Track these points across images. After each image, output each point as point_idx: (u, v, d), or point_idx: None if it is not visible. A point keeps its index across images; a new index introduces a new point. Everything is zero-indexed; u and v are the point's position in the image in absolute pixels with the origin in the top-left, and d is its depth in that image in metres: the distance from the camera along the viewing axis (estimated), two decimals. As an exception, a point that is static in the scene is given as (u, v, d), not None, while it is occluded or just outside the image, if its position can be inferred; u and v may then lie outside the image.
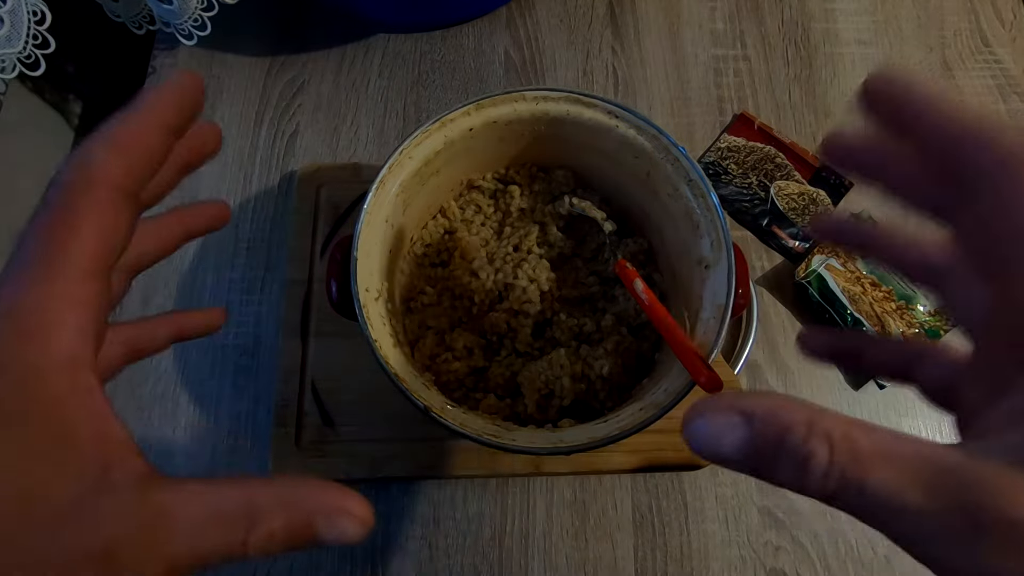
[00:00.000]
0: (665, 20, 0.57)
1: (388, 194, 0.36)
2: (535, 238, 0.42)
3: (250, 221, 0.50)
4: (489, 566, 0.42)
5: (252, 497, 0.16)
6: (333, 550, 0.42)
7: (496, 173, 0.44)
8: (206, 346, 0.47)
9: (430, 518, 0.43)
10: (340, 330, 0.43)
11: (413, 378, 0.33)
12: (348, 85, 0.55)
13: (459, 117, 0.37)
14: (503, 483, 0.44)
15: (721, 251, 0.34)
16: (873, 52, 0.56)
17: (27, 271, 0.16)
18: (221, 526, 0.16)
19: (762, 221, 0.50)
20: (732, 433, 0.14)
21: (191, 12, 0.50)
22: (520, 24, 0.57)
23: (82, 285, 0.16)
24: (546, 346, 0.41)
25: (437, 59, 0.56)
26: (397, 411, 0.32)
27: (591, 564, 0.42)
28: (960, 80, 0.55)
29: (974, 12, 0.57)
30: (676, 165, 0.36)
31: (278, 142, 0.53)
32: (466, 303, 0.41)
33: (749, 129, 0.53)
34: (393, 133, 0.53)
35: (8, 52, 0.42)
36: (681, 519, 0.43)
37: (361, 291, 0.33)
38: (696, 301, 0.35)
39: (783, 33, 0.56)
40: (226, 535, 0.16)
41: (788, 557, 0.42)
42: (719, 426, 0.14)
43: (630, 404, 0.34)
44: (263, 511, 0.16)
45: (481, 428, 0.32)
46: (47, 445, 0.15)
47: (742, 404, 0.14)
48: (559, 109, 0.38)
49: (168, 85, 0.18)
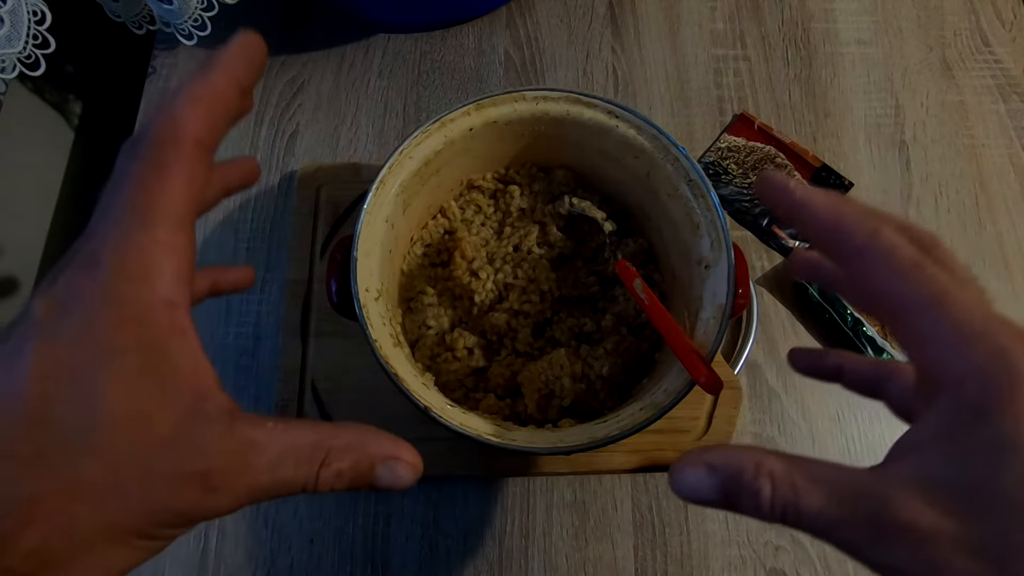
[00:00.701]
0: (665, 20, 0.57)
1: (388, 194, 0.36)
2: (535, 238, 0.42)
3: (250, 221, 0.50)
4: (489, 566, 0.42)
5: (324, 438, 0.18)
6: (333, 550, 0.42)
7: (496, 173, 0.44)
8: (206, 345, 0.47)
9: (430, 518, 0.43)
10: (340, 330, 0.43)
11: (413, 378, 0.33)
12: (348, 85, 0.55)
13: (459, 117, 0.37)
14: (503, 483, 0.44)
15: (721, 251, 0.34)
16: (873, 52, 0.56)
17: (126, 218, 0.17)
18: (297, 461, 0.18)
19: (762, 221, 0.50)
20: (704, 482, 0.18)
21: (191, 12, 0.50)
22: (520, 24, 0.57)
23: (176, 234, 0.17)
24: (546, 346, 0.41)
25: (437, 59, 0.56)
26: (397, 411, 0.32)
27: (591, 564, 0.42)
28: (960, 80, 0.55)
29: (974, 12, 0.57)
30: (676, 165, 0.36)
31: (278, 142, 0.53)
32: (466, 303, 0.41)
33: (749, 129, 0.53)
34: (393, 133, 0.53)
35: (8, 52, 0.42)
36: (681, 519, 0.43)
37: (361, 291, 0.33)
38: (696, 301, 0.35)
39: (783, 33, 0.56)
40: (302, 469, 0.18)
41: (788, 557, 0.42)
42: (694, 477, 0.19)
43: (630, 404, 0.34)
44: (333, 451, 0.18)
45: (481, 428, 0.32)
46: (153, 376, 0.17)
47: (708, 458, 0.19)
48: (559, 109, 0.38)
49: (236, 45, 0.20)
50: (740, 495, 0.18)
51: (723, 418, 0.42)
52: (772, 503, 0.18)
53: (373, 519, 0.43)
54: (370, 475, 0.19)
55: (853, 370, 0.27)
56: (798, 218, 0.21)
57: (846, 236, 0.19)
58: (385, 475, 0.19)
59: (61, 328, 0.16)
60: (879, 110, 0.54)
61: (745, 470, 0.18)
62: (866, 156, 0.52)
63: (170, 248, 0.17)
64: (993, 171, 0.52)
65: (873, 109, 0.54)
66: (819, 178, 0.51)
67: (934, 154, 0.52)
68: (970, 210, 0.51)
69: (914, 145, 0.53)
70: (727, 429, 0.42)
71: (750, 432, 0.45)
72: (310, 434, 0.18)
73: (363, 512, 0.43)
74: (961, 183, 0.52)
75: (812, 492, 0.17)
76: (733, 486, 0.18)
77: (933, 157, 0.52)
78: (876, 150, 0.53)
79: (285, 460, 0.17)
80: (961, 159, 0.52)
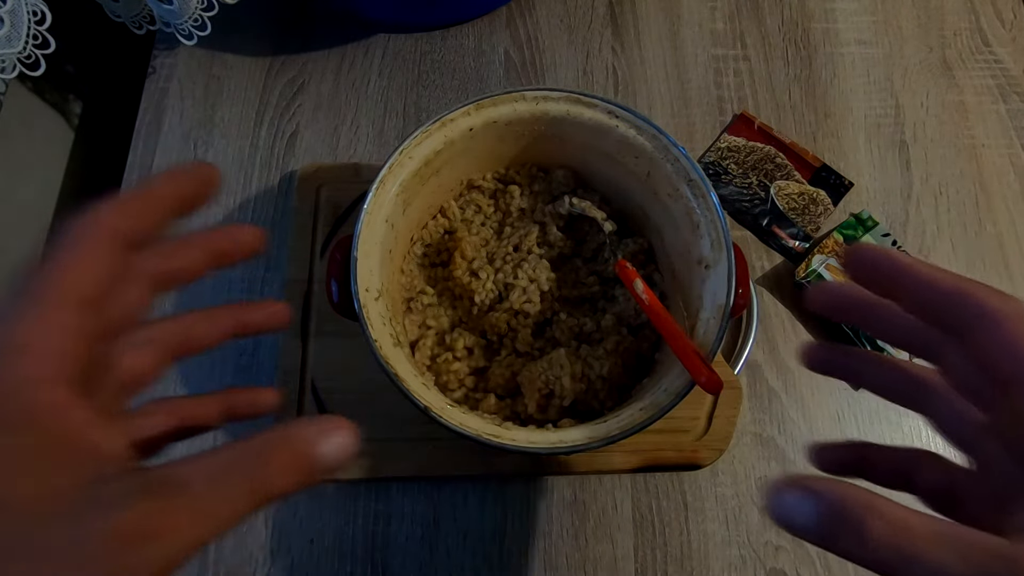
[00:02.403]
0: (665, 20, 0.57)
1: (388, 194, 0.36)
2: (535, 238, 0.42)
3: (250, 221, 0.50)
4: (489, 566, 0.42)
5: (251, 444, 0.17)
6: (333, 550, 0.42)
7: (496, 173, 0.44)
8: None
9: (430, 518, 0.43)
10: (340, 330, 0.43)
11: (413, 378, 0.33)
12: (348, 85, 0.55)
13: (459, 117, 0.37)
14: (503, 483, 0.44)
15: (721, 251, 0.34)
16: (873, 52, 0.56)
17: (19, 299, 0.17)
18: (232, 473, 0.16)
19: (762, 221, 0.50)
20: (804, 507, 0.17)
21: (191, 12, 0.50)
22: (520, 24, 0.57)
23: (59, 312, 0.17)
24: (546, 346, 0.41)
25: (437, 59, 0.56)
26: (397, 411, 0.32)
27: (591, 564, 0.42)
28: (960, 80, 0.55)
29: (974, 12, 0.57)
30: (676, 165, 0.36)
31: (278, 142, 0.53)
32: (466, 303, 0.41)
33: (749, 129, 0.53)
34: (393, 133, 0.53)
35: (8, 52, 0.42)
36: (681, 519, 0.43)
37: (361, 291, 0.33)
38: (696, 301, 0.35)
39: (783, 33, 0.56)
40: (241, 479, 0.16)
41: (788, 557, 0.42)
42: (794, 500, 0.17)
43: (630, 404, 0.34)
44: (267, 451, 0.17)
45: (481, 428, 0.32)
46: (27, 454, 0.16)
47: (813, 484, 0.17)
48: (559, 109, 0.38)
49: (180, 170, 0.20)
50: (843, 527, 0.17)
51: (723, 418, 0.42)
52: (880, 542, 0.16)
53: (373, 519, 0.43)
54: (315, 458, 0.18)
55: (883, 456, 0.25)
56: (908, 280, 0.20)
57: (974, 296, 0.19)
58: (329, 452, 0.18)
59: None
60: (879, 110, 0.54)
61: (855, 504, 0.17)
62: (866, 156, 0.52)
63: (50, 326, 0.17)
64: (993, 171, 0.52)
65: (873, 109, 0.54)
66: (819, 178, 0.51)
67: (934, 154, 0.52)
68: (970, 210, 0.51)
69: (914, 145, 0.53)
70: (727, 429, 0.42)
71: (750, 432, 0.45)
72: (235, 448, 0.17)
73: (363, 512, 0.43)
74: (961, 183, 0.52)
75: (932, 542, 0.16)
76: (836, 516, 0.17)
77: (933, 157, 0.52)
78: (876, 150, 0.53)
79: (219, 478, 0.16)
80: (961, 159, 0.52)
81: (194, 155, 0.52)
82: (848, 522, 0.17)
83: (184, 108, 0.54)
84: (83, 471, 0.16)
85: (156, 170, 0.52)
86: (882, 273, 0.21)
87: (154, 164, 0.52)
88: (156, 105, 0.54)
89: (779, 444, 0.45)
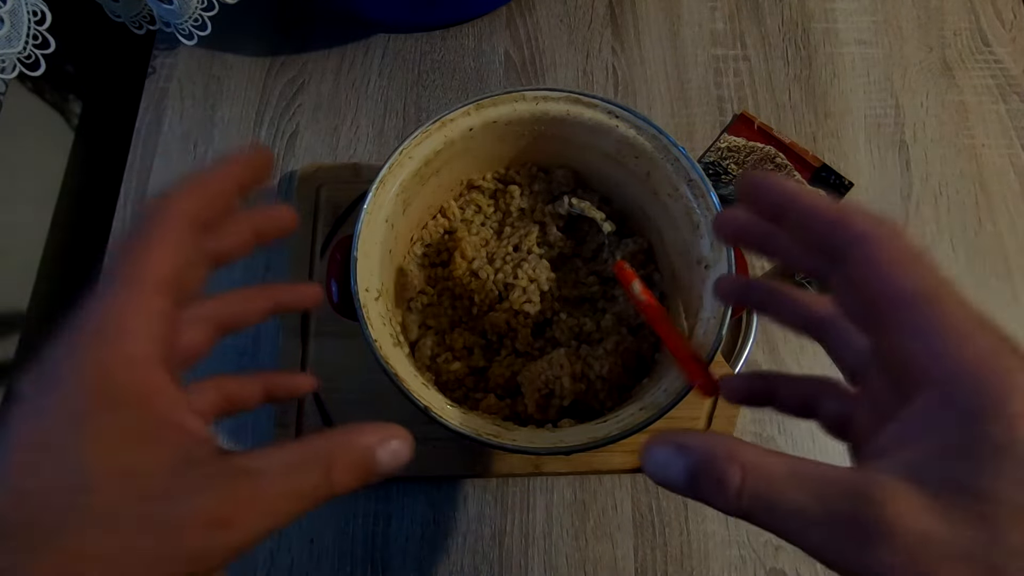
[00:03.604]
0: (665, 20, 0.57)
1: (388, 194, 0.36)
2: (535, 238, 0.42)
3: (250, 221, 0.50)
4: (489, 566, 0.42)
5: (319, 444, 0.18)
6: (333, 550, 0.42)
7: (496, 173, 0.44)
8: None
9: (430, 518, 0.43)
10: (340, 330, 0.43)
11: (413, 378, 0.33)
12: (348, 85, 0.55)
13: (459, 117, 0.37)
14: (503, 483, 0.44)
15: (721, 251, 0.34)
16: (873, 52, 0.56)
17: (108, 287, 0.18)
18: (303, 469, 0.18)
19: (762, 221, 0.50)
20: (673, 462, 0.18)
21: (191, 12, 0.50)
22: (520, 24, 0.57)
23: (152, 297, 0.18)
24: (546, 346, 0.41)
25: (437, 59, 0.56)
26: (397, 411, 0.32)
27: (591, 564, 0.42)
28: (960, 80, 0.55)
29: (974, 12, 0.57)
30: (676, 165, 0.36)
31: (278, 142, 0.53)
32: (466, 303, 0.41)
33: (749, 129, 0.53)
34: (393, 133, 0.53)
35: (8, 52, 0.42)
36: (681, 519, 0.43)
37: (361, 291, 0.33)
38: (696, 301, 0.35)
39: (783, 33, 0.56)
40: (312, 475, 0.18)
41: (788, 557, 0.42)
42: (664, 456, 0.18)
43: (630, 404, 0.34)
44: (333, 451, 0.18)
45: (481, 428, 0.32)
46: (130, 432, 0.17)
47: (681, 439, 0.18)
48: (559, 109, 0.38)
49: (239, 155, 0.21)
50: (706, 480, 0.17)
51: (723, 418, 0.42)
52: (739, 493, 0.17)
53: (373, 519, 0.43)
54: (374, 462, 0.19)
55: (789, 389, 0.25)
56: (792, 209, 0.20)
57: (848, 223, 0.19)
58: (386, 457, 0.19)
59: (41, 400, 0.17)
60: (879, 110, 0.54)
61: (717, 456, 0.17)
62: (866, 156, 0.52)
63: (144, 309, 0.18)
64: (993, 171, 0.52)
65: (873, 109, 0.54)
66: (819, 178, 0.51)
67: (934, 154, 0.52)
68: (970, 210, 0.51)
69: (914, 145, 0.53)
70: (727, 429, 0.42)
71: (750, 432, 0.45)
72: (303, 444, 0.18)
73: (363, 512, 0.43)
74: (961, 183, 0.52)
75: (789, 486, 0.16)
76: (701, 470, 0.17)
77: (933, 157, 0.52)
78: (876, 150, 0.53)
79: (291, 473, 0.18)
80: (961, 159, 0.52)
81: (194, 155, 0.52)
82: (711, 474, 0.17)
83: (184, 108, 0.54)
84: (176, 451, 0.17)
85: (156, 170, 0.52)
86: (771, 201, 0.20)
87: (154, 164, 0.52)
88: (156, 105, 0.54)
89: (779, 444, 0.45)
